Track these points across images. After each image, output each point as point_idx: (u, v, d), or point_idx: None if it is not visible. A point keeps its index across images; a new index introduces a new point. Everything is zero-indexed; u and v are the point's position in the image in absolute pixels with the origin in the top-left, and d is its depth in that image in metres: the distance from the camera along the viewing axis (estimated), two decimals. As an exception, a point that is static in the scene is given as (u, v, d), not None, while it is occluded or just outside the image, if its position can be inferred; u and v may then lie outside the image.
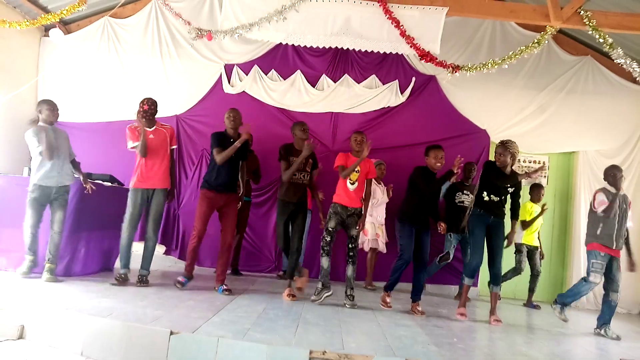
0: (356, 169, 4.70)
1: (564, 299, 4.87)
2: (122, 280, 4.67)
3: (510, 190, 4.69)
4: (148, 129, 4.79)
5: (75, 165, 4.85)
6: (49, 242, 4.56)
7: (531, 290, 6.11)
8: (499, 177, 4.63)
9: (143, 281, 4.72)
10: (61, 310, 3.42)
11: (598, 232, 4.77)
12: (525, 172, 4.93)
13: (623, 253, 4.85)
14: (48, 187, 4.55)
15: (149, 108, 4.79)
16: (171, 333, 3.09)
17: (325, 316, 4.14)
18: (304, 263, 6.15)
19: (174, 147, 5.03)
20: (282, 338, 3.27)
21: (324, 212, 5.14)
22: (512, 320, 5.04)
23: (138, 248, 4.97)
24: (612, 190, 4.82)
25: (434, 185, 4.72)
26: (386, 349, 3.30)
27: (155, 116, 4.90)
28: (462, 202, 5.90)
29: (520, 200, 4.97)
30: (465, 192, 5.93)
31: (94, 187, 4.80)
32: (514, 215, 4.81)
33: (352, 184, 4.72)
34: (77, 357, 3.13)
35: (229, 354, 3.02)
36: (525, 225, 6.00)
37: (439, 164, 4.67)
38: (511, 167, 4.68)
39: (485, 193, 4.66)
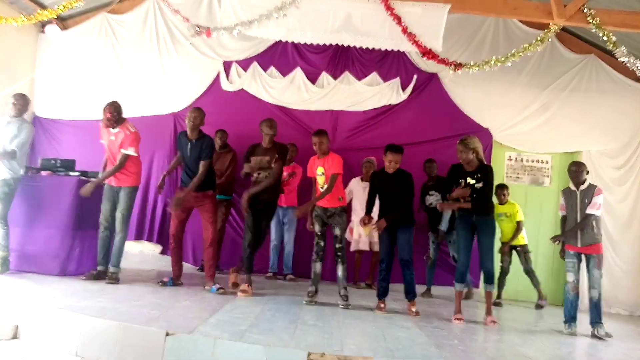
0: (321, 172, 4.68)
1: (565, 315, 4.74)
2: (94, 277, 4.66)
3: (479, 185, 4.51)
4: (112, 130, 4.75)
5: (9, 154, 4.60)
6: None
7: (535, 287, 5.99)
8: (462, 176, 4.55)
9: (113, 278, 4.64)
10: (56, 310, 3.38)
11: (566, 232, 4.76)
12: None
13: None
14: None
15: (111, 116, 4.71)
16: (167, 334, 3.04)
17: (324, 317, 4.09)
18: (293, 262, 6.12)
19: (126, 152, 4.68)
20: (279, 339, 3.22)
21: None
22: (513, 322, 4.99)
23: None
24: (573, 188, 4.77)
25: (393, 185, 4.61)
26: (385, 350, 3.25)
27: (122, 115, 4.81)
28: (431, 203, 5.84)
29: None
30: (430, 192, 5.88)
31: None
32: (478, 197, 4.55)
33: (322, 187, 4.69)
34: (71, 357, 3.09)
35: (225, 355, 2.97)
36: None
37: (391, 169, 4.61)
38: (479, 161, 4.55)
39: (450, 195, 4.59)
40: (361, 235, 6.00)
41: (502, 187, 5.92)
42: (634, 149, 6.53)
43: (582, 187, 4.71)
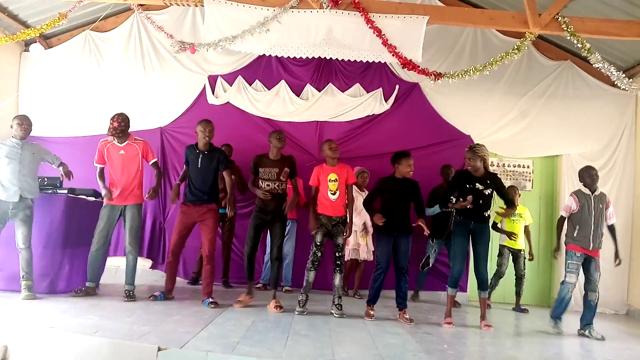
0: (334, 178, 4.76)
1: (555, 312, 4.83)
2: (83, 293, 4.63)
3: (487, 192, 4.66)
4: (119, 145, 4.81)
5: (64, 167, 4.82)
6: (19, 259, 4.49)
7: (517, 294, 6.11)
8: (470, 181, 4.66)
9: (129, 296, 4.67)
10: (46, 329, 3.36)
11: (575, 234, 4.80)
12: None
13: (603, 252, 4.88)
14: (4, 202, 4.50)
15: (118, 125, 4.75)
16: (159, 349, 3.05)
17: (315, 327, 4.12)
18: (292, 274, 6.14)
19: (154, 160, 4.99)
20: (271, 351, 3.25)
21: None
22: (502, 325, 5.07)
23: (122, 264, 4.92)
24: (587, 191, 4.87)
25: (404, 192, 4.77)
26: (377, 357, 3.30)
27: (129, 130, 4.89)
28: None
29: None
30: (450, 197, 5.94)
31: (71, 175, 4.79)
32: (510, 205, 4.86)
33: (333, 194, 4.77)
34: (62, 377, 3.08)
35: (218, 368, 2.99)
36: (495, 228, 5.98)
37: (411, 172, 4.73)
38: (485, 169, 4.70)
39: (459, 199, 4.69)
40: (360, 245, 6.02)
41: (513, 187, 6.05)
42: (612, 151, 6.67)
43: (596, 192, 4.84)
